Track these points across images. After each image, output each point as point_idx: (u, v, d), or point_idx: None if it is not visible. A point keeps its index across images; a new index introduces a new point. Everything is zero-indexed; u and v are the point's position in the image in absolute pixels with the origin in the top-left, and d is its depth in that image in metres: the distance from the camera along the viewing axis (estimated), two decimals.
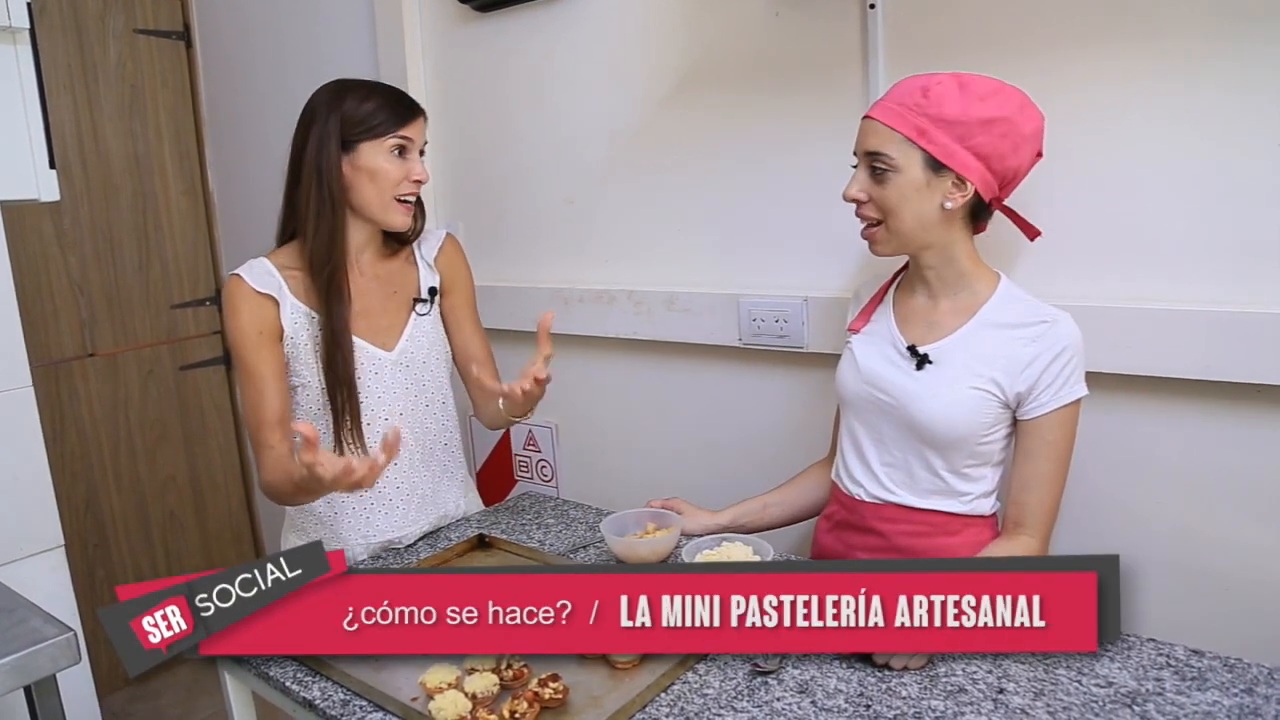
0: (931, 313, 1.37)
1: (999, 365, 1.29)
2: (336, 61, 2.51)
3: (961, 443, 1.32)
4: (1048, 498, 1.31)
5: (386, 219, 1.55)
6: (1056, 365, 1.27)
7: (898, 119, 1.26)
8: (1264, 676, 1.05)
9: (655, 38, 1.91)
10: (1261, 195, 1.31)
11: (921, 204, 1.27)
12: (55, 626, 1.33)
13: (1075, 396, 1.28)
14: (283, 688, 1.18)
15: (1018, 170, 1.28)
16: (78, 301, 2.82)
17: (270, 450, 1.50)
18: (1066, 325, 1.28)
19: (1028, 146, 1.27)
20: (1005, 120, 1.23)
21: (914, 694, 1.06)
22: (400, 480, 1.63)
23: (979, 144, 1.23)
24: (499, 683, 1.11)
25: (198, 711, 2.87)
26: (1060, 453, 1.31)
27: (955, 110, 1.23)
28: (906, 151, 1.25)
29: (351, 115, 1.50)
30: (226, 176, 3.08)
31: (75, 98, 2.77)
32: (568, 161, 2.12)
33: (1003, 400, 1.30)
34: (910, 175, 1.25)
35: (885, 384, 1.37)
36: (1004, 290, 1.34)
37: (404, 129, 1.52)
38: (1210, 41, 1.32)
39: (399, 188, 1.53)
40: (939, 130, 1.24)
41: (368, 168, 1.51)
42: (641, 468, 2.15)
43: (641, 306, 1.99)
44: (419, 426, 1.64)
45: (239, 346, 1.52)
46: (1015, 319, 1.30)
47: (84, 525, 2.87)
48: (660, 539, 1.45)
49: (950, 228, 1.30)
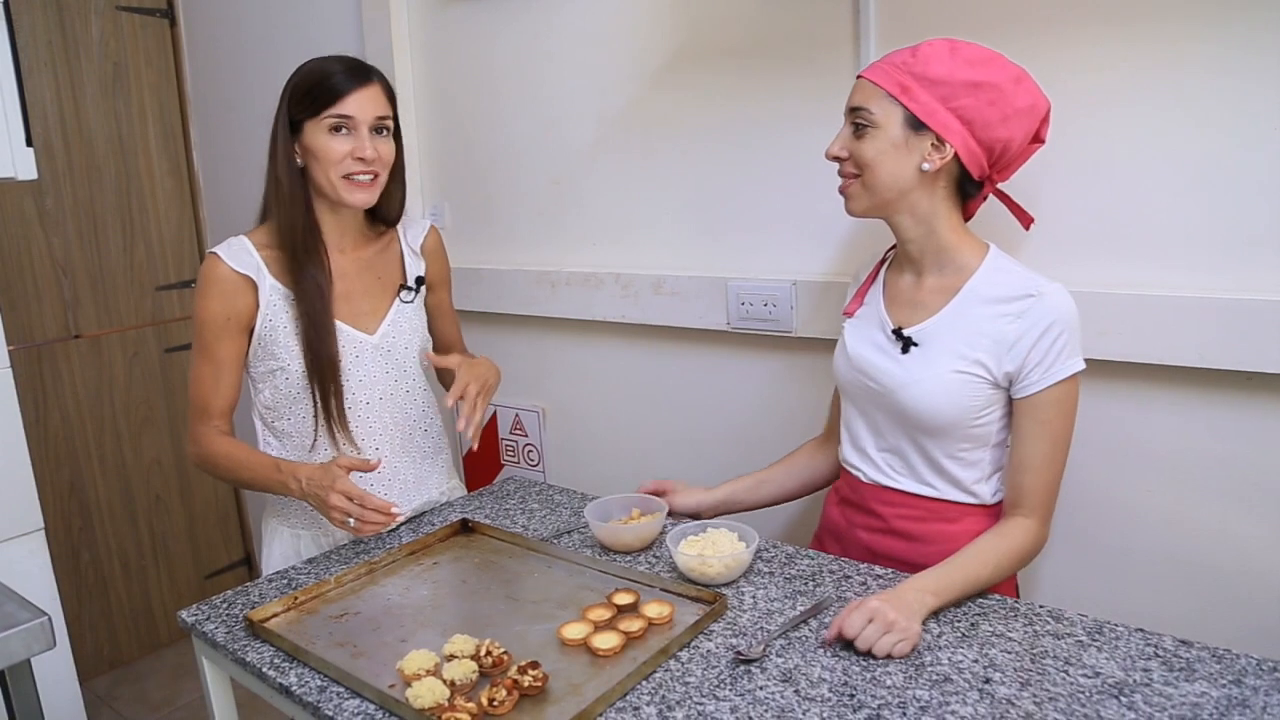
0: (917, 292, 1.34)
1: (984, 345, 1.25)
2: (322, 41, 2.48)
3: (952, 427, 1.29)
4: (1045, 478, 1.27)
5: (340, 198, 1.49)
6: (1045, 341, 1.22)
7: (883, 76, 1.25)
8: (1252, 667, 1.04)
9: (643, 18, 1.88)
10: (1257, 183, 1.30)
11: (898, 162, 1.24)
12: (30, 611, 1.31)
13: (1067, 373, 1.24)
14: (259, 673, 1.17)
15: (1007, 145, 1.24)
16: (60, 283, 2.79)
17: (212, 428, 1.52)
18: (1055, 298, 1.23)
19: (1020, 121, 1.23)
20: (994, 87, 1.20)
21: (899, 683, 1.05)
22: (383, 465, 1.60)
23: (963, 106, 1.21)
24: (478, 670, 1.10)
25: (182, 695, 2.86)
26: (1055, 431, 1.26)
27: (941, 70, 1.21)
28: (887, 108, 1.24)
29: (296, 94, 1.46)
30: (212, 157, 3.05)
31: (56, 75, 2.73)
32: (554, 143, 2.09)
33: (992, 381, 1.26)
34: (890, 132, 1.24)
35: (873, 370, 1.35)
36: (991, 262, 1.30)
37: (340, 104, 1.44)
38: (1208, 27, 1.30)
39: (342, 165, 1.46)
40: (922, 88, 1.22)
41: (311, 148, 1.46)
42: (629, 452, 2.13)
43: (629, 290, 1.97)
44: (399, 412, 1.62)
45: (203, 328, 1.50)
46: (1002, 293, 1.26)
47: (68, 509, 2.84)
48: (644, 524, 1.44)
49: (931, 195, 1.27)
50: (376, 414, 1.59)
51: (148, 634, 3.10)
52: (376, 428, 1.59)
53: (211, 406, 1.51)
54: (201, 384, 1.51)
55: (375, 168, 1.49)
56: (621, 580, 1.34)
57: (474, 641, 1.15)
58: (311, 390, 1.51)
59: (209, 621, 1.30)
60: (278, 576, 1.44)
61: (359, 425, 1.57)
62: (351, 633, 1.24)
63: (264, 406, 1.58)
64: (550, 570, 1.40)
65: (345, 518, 1.35)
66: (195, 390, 1.52)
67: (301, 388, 1.52)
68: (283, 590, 1.39)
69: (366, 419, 1.58)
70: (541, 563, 1.43)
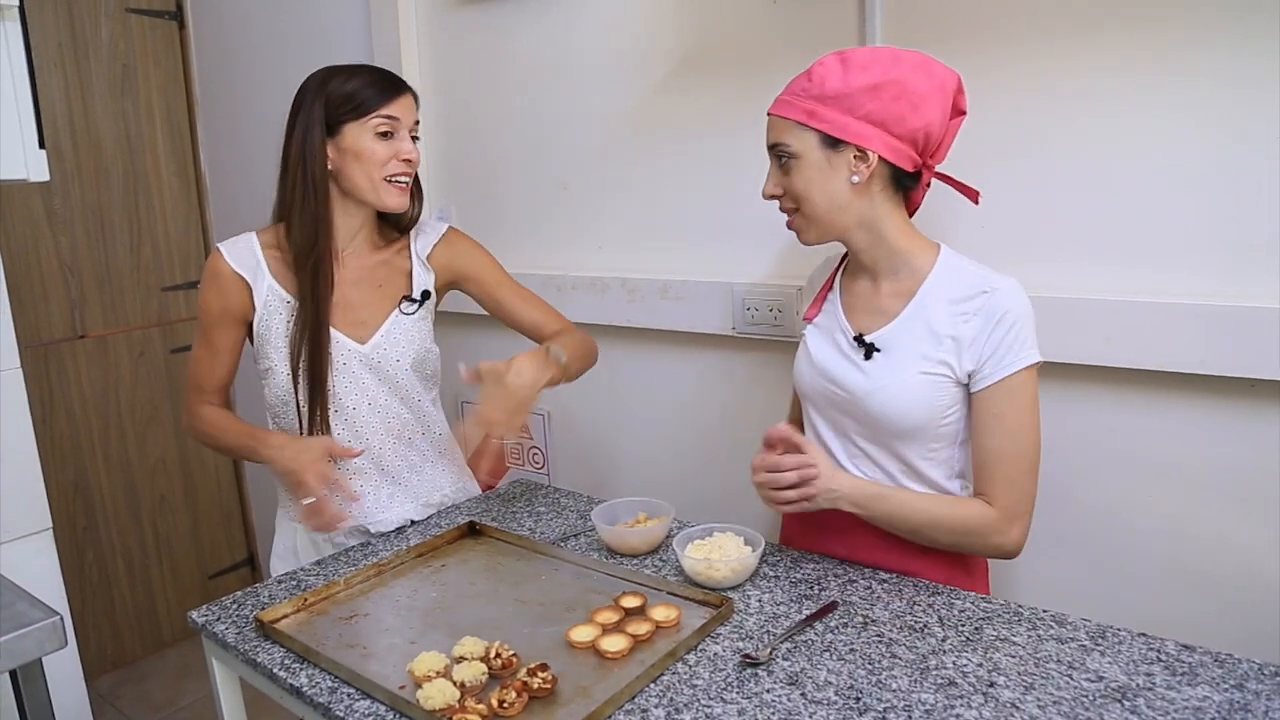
0: (874, 297, 1.35)
1: (947, 345, 1.26)
2: (330, 43, 2.50)
3: (922, 429, 1.29)
4: (1006, 472, 1.26)
5: (380, 201, 1.52)
6: (997, 334, 1.23)
7: (788, 108, 1.27)
8: (1254, 672, 1.05)
9: (652, 24, 1.89)
10: (1257, 189, 1.31)
11: (828, 184, 1.26)
12: (42, 610, 1.32)
13: (1019, 365, 1.23)
14: (270, 674, 1.18)
15: (928, 131, 1.24)
16: (68, 282, 2.80)
17: (206, 401, 1.60)
18: (1006, 294, 1.24)
19: (931, 104, 1.23)
20: (893, 82, 1.21)
21: (904, 686, 1.06)
22: (381, 464, 1.62)
23: (870, 111, 1.22)
24: (487, 671, 1.11)
25: (185, 695, 2.87)
26: (1011, 426, 1.25)
27: (837, 85, 1.23)
28: (801, 136, 1.26)
29: (335, 97, 1.47)
30: (219, 158, 3.06)
31: (66, 77, 2.74)
32: (562, 147, 2.10)
33: (955, 379, 1.27)
34: (811, 158, 1.26)
35: (838, 378, 1.35)
36: (944, 262, 1.30)
37: (388, 107, 1.48)
38: (1208, 33, 1.31)
39: (387, 168, 1.50)
40: (826, 108, 1.23)
41: (353, 149, 1.48)
42: (634, 455, 2.14)
43: (635, 294, 1.98)
44: (390, 414, 1.61)
45: (202, 314, 1.57)
46: (957, 293, 1.27)
47: (73, 508, 2.86)
48: (651, 528, 1.45)
49: (871, 203, 1.28)
50: (365, 419, 1.59)
51: (151, 634, 3.11)
52: (365, 431, 1.59)
53: (205, 384, 1.60)
54: (198, 364, 1.59)
55: (413, 170, 1.54)
56: (629, 583, 1.35)
57: (483, 643, 1.16)
58: (295, 398, 1.53)
59: (219, 622, 1.31)
60: (287, 578, 1.45)
61: (350, 427, 1.58)
62: (361, 634, 1.25)
63: (268, 404, 1.60)
64: (558, 573, 1.41)
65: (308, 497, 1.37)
66: (193, 369, 1.60)
67: (287, 391, 1.53)
68: (292, 591, 1.40)
69: (354, 423, 1.58)
70: (549, 565, 1.44)
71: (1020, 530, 1.28)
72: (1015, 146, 1.49)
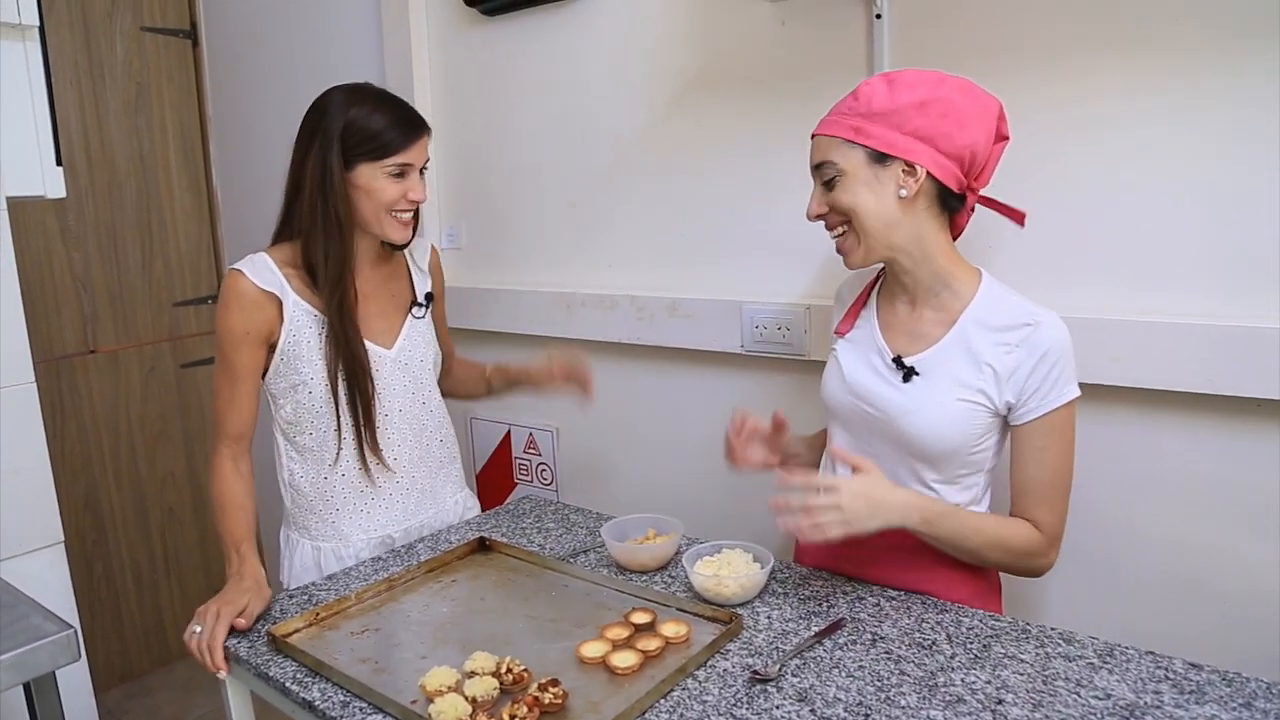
0: (915, 322, 1.34)
1: (987, 375, 1.26)
2: (342, 63, 2.52)
3: (953, 454, 1.30)
4: (1048, 499, 1.28)
5: (383, 233, 1.56)
6: (1041, 370, 1.24)
7: (834, 126, 1.28)
8: (1262, 691, 1.05)
9: (661, 44, 1.91)
10: (1263, 209, 1.32)
11: (877, 197, 1.25)
12: (55, 623, 1.33)
13: (1062, 401, 1.25)
14: (282, 688, 1.19)
15: (974, 150, 1.24)
16: (80, 298, 2.83)
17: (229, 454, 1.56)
18: (1050, 328, 1.25)
19: (978, 124, 1.24)
20: (940, 100, 1.22)
21: (913, 703, 1.06)
22: (400, 475, 1.66)
23: (918, 127, 1.23)
24: (499, 686, 1.11)
25: (193, 710, 2.87)
26: (1052, 458, 1.28)
27: (884, 103, 1.24)
28: (847, 153, 1.26)
29: (354, 133, 1.49)
30: (230, 175, 3.09)
31: (81, 95, 2.78)
32: (571, 165, 2.12)
33: (993, 410, 1.27)
34: (858, 175, 1.25)
35: (872, 397, 1.34)
36: (986, 290, 1.31)
37: (404, 153, 1.51)
38: (1213, 54, 1.33)
39: (395, 205, 1.53)
40: (873, 124, 1.24)
41: (365, 187, 1.51)
42: (641, 472, 2.15)
43: (644, 312, 1.99)
44: (416, 422, 1.67)
45: (223, 341, 1.54)
46: (999, 321, 1.27)
47: (83, 522, 2.87)
48: (660, 545, 1.46)
49: (917, 220, 1.27)
50: (395, 426, 1.64)
51: (159, 647, 3.12)
52: (395, 439, 1.64)
53: (228, 424, 1.56)
54: (219, 396, 1.57)
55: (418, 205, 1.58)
56: (638, 599, 1.36)
57: (494, 658, 1.17)
58: (335, 403, 1.56)
59: (231, 636, 1.32)
60: (299, 592, 1.46)
61: (380, 437, 1.61)
62: (373, 649, 1.26)
63: (285, 422, 1.61)
64: (567, 589, 1.42)
65: (193, 630, 1.32)
66: (215, 403, 1.58)
67: (324, 402, 1.56)
68: (304, 606, 1.41)
69: (386, 431, 1.62)
70: (559, 581, 1.45)
71: (1057, 552, 1.31)
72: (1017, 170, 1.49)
